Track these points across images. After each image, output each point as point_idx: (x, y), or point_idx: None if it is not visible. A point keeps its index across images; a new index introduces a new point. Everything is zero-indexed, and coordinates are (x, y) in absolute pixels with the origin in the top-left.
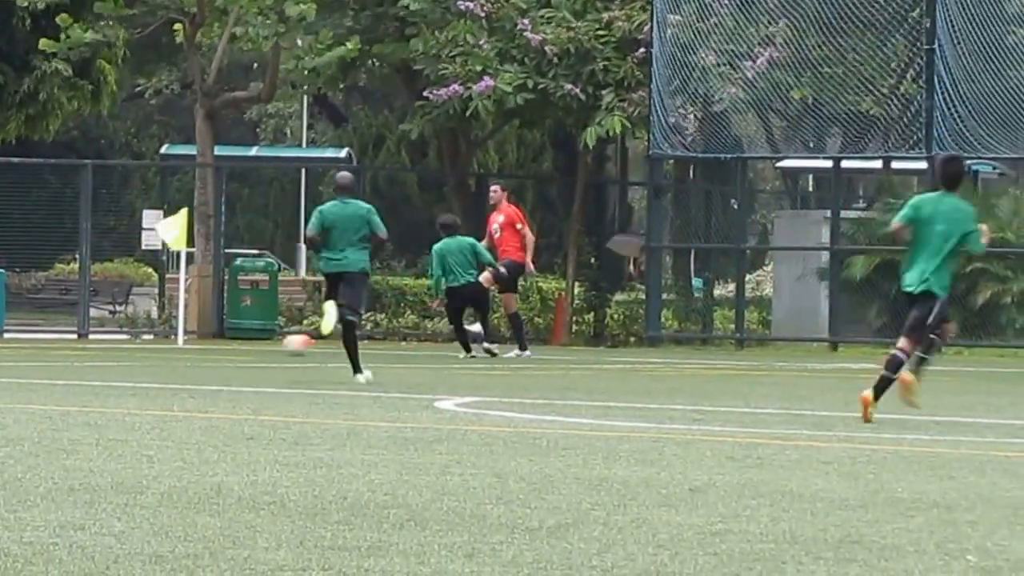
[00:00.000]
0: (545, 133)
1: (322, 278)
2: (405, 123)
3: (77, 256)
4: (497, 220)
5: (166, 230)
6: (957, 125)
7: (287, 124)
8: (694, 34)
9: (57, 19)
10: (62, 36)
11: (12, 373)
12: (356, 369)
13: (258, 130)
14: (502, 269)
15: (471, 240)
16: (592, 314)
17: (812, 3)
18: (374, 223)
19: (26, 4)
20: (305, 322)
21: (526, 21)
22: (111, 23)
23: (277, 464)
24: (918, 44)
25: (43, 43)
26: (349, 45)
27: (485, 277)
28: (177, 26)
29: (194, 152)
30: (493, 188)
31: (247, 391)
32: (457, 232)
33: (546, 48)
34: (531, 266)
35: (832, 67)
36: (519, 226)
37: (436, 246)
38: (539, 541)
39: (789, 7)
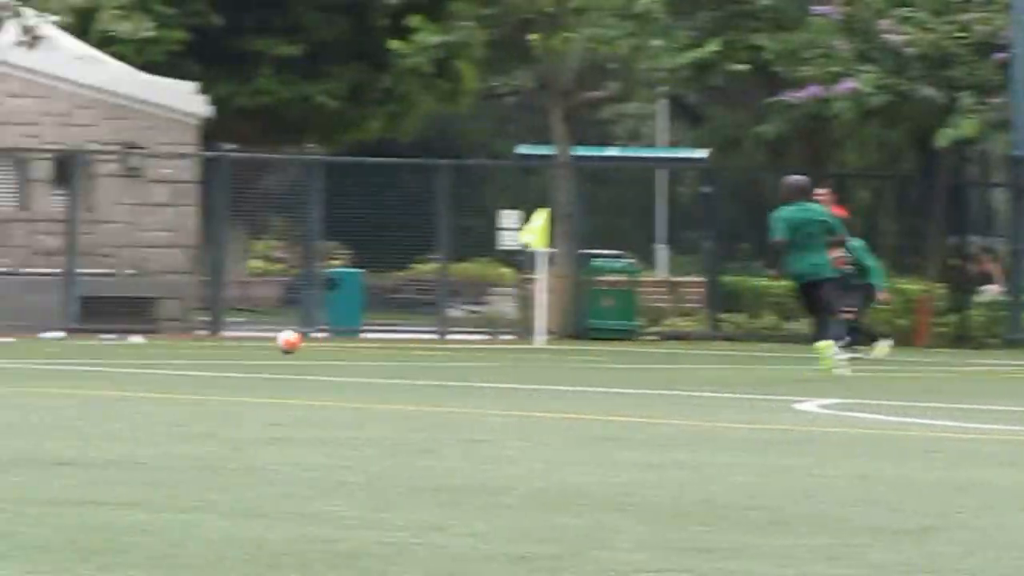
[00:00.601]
0: (904, 133)
1: (676, 279)
2: (761, 126)
3: (436, 256)
4: None
5: (528, 232)
6: None
7: (643, 124)
8: None
9: (409, 21)
10: (412, 38)
11: (373, 373)
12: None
13: (614, 129)
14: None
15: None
16: (954, 316)
17: None
18: (834, 224)
19: (384, 1)
20: (664, 322)
21: (886, 22)
22: (467, 23)
23: (637, 465)
24: None
25: (393, 44)
26: (708, 47)
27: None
28: (533, 35)
29: (550, 152)
30: (821, 191)
31: (606, 392)
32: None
33: (905, 50)
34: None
35: None
36: None
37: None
38: (903, 544)
39: None
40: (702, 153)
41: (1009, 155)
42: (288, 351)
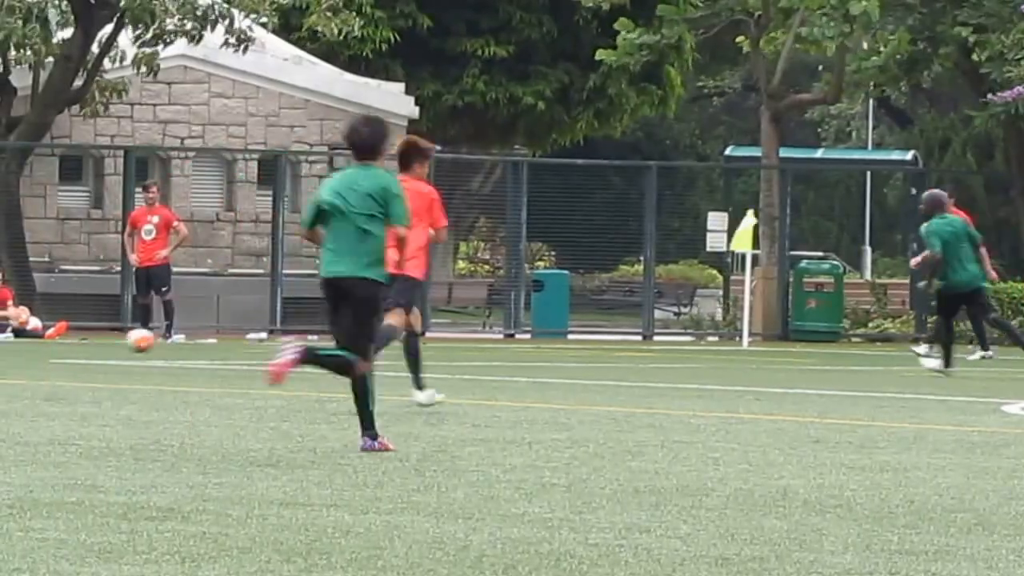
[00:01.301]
0: None
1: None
2: (973, 112)
3: (642, 258)
4: None
5: (738, 237)
6: None
7: (849, 125)
8: None
9: (616, 24)
10: (619, 40)
11: (578, 374)
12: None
13: (820, 130)
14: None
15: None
16: None
17: None
18: (976, 234)
19: (590, 4)
20: (870, 324)
21: None
22: (676, 24)
23: (843, 467)
24: None
25: (600, 53)
26: (900, 36)
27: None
28: (740, 37)
29: (758, 154)
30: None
31: (812, 393)
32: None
33: None
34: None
35: None
36: None
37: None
38: None
39: None
40: (909, 155)
41: None
42: (140, 350)
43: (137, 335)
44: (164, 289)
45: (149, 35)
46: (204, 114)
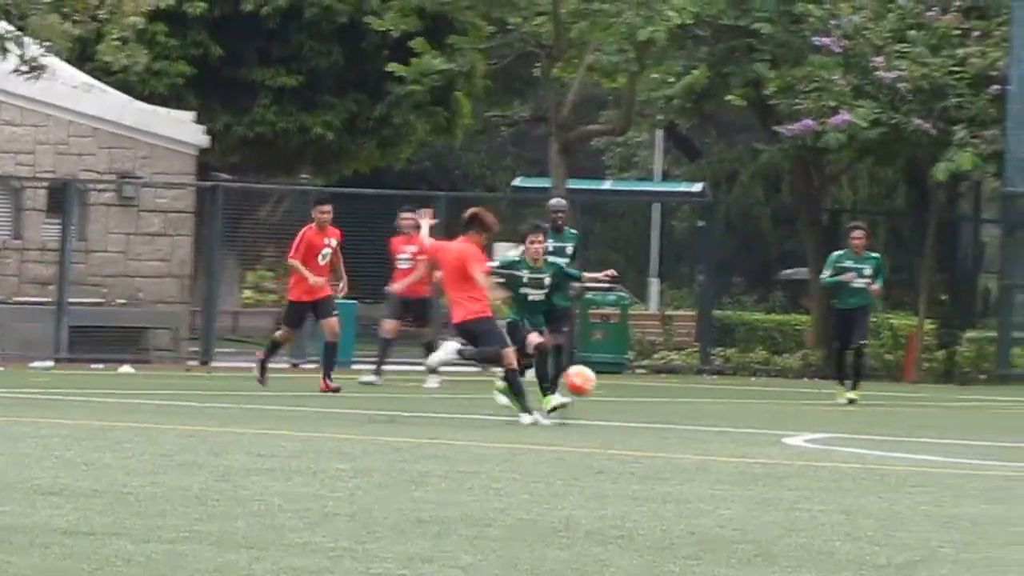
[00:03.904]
0: (898, 169)
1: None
2: (760, 145)
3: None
4: None
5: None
6: None
7: (635, 154)
8: None
9: (411, 43)
10: (414, 61)
11: (362, 404)
12: None
13: (604, 159)
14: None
15: None
16: (943, 351)
17: None
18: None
19: (382, 28)
20: (655, 356)
21: (881, 58)
22: (468, 52)
23: (626, 498)
24: None
25: (392, 66)
26: (697, 72)
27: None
28: (532, 68)
29: (547, 185)
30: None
31: (596, 424)
32: None
33: (900, 85)
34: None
35: None
36: None
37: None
38: None
39: None
40: (697, 187)
41: (1001, 191)
42: None
43: None
44: None
45: None
46: None
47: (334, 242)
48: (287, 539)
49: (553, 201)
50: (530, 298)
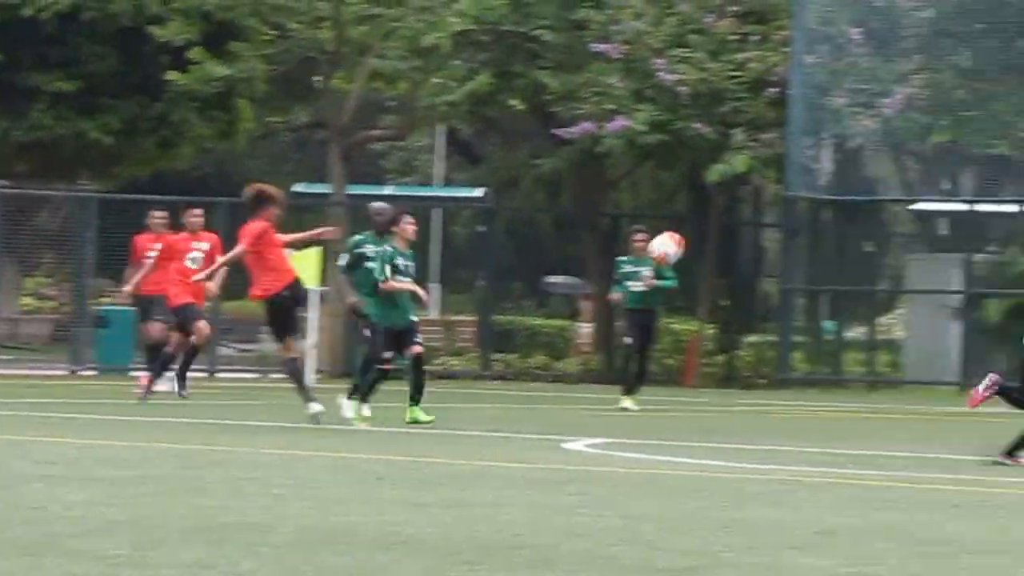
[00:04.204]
0: (679, 174)
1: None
2: (539, 164)
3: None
4: None
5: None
6: None
7: (416, 159)
8: (829, 74)
9: (190, 53)
10: (193, 68)
11: (141, 411)
12: None
13: (383, 163)
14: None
15: None
16: (723, 356)
17: (949, 46)
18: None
19: (164, 38)
20: (436, 362)
21: (661, 61)
22: (249, 58)
23: (406, 504)
24: None
25: (172, 75)
26: (481, 79)
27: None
28: (312, 75)
29: (327, 191)
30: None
31: (377, 430)
32: None
33: (679, 88)
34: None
35: (971, 110)
36: None
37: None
38: None
39: (927, 49)
40: (478, 192)
41: (781, 195)
42: None
43: None
44: None
45: None
46: None
47: (206, 246)
48: (66, 546)
49: (374, 204)
50: None
